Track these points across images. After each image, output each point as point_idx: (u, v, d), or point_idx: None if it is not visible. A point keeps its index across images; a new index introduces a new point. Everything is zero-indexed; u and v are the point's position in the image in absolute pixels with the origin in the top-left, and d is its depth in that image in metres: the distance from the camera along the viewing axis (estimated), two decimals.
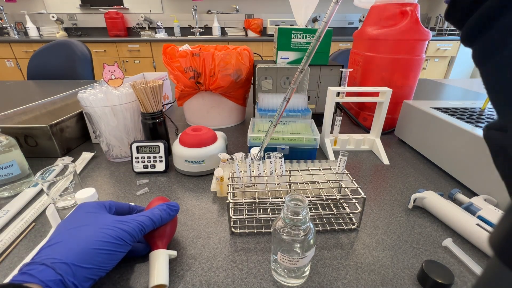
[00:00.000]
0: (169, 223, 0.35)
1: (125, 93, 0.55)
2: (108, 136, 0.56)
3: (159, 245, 0.33)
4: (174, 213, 0.35)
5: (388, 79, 0.70)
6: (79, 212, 0.31)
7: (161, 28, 3.06)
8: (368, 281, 0.32)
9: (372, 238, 0.39)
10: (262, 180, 0.44)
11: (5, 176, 0.47)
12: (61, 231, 0.29)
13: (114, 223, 0.29)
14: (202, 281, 0.32)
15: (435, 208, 0.42)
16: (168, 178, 0.54)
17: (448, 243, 0.37)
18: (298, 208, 0.28)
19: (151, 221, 0.32)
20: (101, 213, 0.31)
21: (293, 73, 0.77)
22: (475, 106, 0.62)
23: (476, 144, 0.46)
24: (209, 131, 0.55)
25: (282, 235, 0.29)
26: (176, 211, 0.36)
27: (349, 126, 0.81)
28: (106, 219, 0.30)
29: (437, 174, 0.55)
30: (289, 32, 0.71)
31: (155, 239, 0.33)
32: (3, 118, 0.66)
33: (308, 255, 0.29)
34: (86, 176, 0.54)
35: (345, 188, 0.42)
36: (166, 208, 0.34)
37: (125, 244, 0.29)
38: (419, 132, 0.62)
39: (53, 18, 2.93)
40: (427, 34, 0.65)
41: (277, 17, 3.13)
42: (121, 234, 0.29)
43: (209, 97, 0.75)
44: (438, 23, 3.10)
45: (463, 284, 0.31)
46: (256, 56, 0.86)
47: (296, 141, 0.56)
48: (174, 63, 0.68)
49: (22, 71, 2.77)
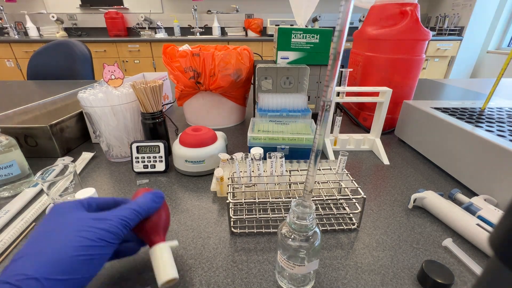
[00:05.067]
0: (161, 213, 0.32)
1: (125, 93, 0.55)
2: (108, 136, 0.56)
3: (158, 239, 0.31)
4: (160, 200, 0.32)
5: (388, 79, 0.70)
6: (52, 215, 0.27)
7: (161, 28, 3.06)
8: (368, 281, 0.32)
9: (372, 238, 0.39)
10: (262, 180, 0.44)
11: (5, 176, 0.47)
12: (31, 240, 0.24)
13: (92, 222, 0.26)
14: (202, 281, 0.32)
15: (435, 208, 0.42)
16: (168, 178, 0.54)
17: (448, 243, 0.37)
18: (304, 213, 0.27)
19: (135, 213, 0.28)
20: (76, 213, 0.27)
21: (293, 73, 0.77)
22: (475, 106, 0.62)
23: (476, 144, 0.46)
24: (209, 131, 0.55)
25: (288, 241, 0.28)
26: (161, 198, 0.32)
27: (349, 126, 0.81)
28: (82, 220, 0.26)
29: (437, 174, 0.55)
30: (289, 32, 0.71)
31: (151, 233, 0.31)
32: (3, 118, 0.66)
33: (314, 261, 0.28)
34: (86, 176, 0.54)
35: (345, 188, 0.42)
36: (152, 196, 0.31)
37: (107, 245, 0.25)
38: (419, 132, 0.62)
39: (53, 18, 2.93)
40: (427, 34, 0.65)
41: (277, 17, 3.13)
42: (101, 234, 0.25)
43: (209, 97, 0.75)
44: (438, 23, 3.10)
45: (463, 284, 0.31)
46: (256, 56, 0.86)
47: (296, 141, 0.56)
48: (174, 63, 0.68)
49: (22, 71, 2.77)
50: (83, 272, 0.24)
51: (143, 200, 0.30)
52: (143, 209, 0.29)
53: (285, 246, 0.28)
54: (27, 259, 0.23)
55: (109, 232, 0.25)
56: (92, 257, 0.24)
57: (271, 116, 0.66)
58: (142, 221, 0.30)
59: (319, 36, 0.71)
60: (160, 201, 0.32)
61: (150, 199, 0.31)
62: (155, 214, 0.31)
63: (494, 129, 0.49)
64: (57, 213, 0.27)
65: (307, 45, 0.72)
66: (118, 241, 0.27)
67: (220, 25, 3.17)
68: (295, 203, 0.28)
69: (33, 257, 0.23)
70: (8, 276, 0.21)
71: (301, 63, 0.74)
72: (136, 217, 0.28)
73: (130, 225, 0.28)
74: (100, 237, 0.25)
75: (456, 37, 2.86)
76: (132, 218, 0.28)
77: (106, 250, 0.25)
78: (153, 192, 0.32)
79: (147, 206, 0.30)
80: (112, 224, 0.26)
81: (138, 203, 0.30)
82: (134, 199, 0.31)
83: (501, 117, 0.56)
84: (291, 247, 0.28)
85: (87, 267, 0.24)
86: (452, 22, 2.96)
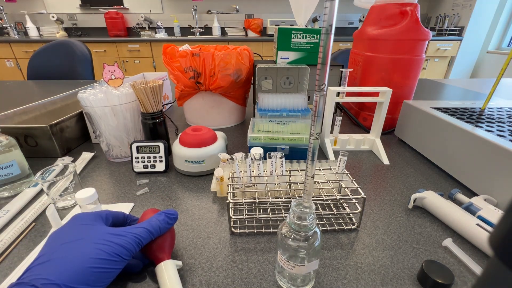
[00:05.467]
0: (168, 231, 0.33)
1: (125, 93, 0.55)
2: (108, 136, 0.56)
3: (164, 256, 0.31)
4: (173, 222, 0.33)
5: (388, 79, 0.70)
6: (73, 224, 0.29)
7: (161, 28, 3.06)
8: (368, 281, 0.32)
9: (372, 238, 0.39)
10: (262, 180, 0.44)
11: (5, 176, 0.47)
12: (52, 245, 0.26)
13: (109, 237, 0.27)
14: (202, 281, 0.32)
15: (435, 208, 0.42)
16: (168, 178, 0.54)
17: (448, 243, 0.37)
18: (304, 213, 0.27)
19: (148, 232, 0.30)
20: (96, 226, 0.29)
21: (293, 73, 0.77)
22: (475, 106, 0.62)
23: (476, 144, 0.46)
24: (209, 131, 0.55)
25: (288, 241, 0.28)
26: (175, 219, 0.33)
27: (349, 126, 0.81)
28: (101, 233, 0.27)
29: (437, 174, 0.55)
30: (289, 32, 0.71)
31: (157, 251, 0.31)
32: (3, 118, 0.66)
33: (314, 261, 0.28)
34: (86, 176, 0.54)
35: (345, 188, 0.42)
36: (165, 218, 0.32)
37: (121, 261, 0.27)
38: (419, 132, 0.62)
39: (53, 18, 2.93)
40: (427, 34, 0.65)
41: (277, 17, 3.13)
42: (117, 249, 0.26)
43: (209, 97, 0.75)
44: (438, 23, 3.10)
45: (463, 284, 0.31)
46: (256, 56, 0.86)
47: (296, 141, 0.56)
48: (174, 63, 0.68)
49: (22, 71, 2.77)
50: (96, 283, 0.25)
51: (156, 220, 0.32)
52: (155, 230, 0.31)
53: (285, 246, 0.28)
54: (51, 264, 0.24)
55: (123, 248, 0.27)
56: (106, 270, 0.26)
57: (271, 116, 0.66)
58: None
59: (319, 36, 0.71)
60: (173, 223, 0.33)
61: (164, 221, 0.32)
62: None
63: (494, 129, 0.49)
64: (79, 222, 0.29)
65: (307, 45, 0.72)
66: (130, 257, 0.28)
67: (220, 25, 3.17)
68: (295, 203, 0.28)
69: (57, 263, 0.24)
70: (32, 279, 0.23)
71: (301, 63, 0.74)
72: (148, 236, 0.30)
73: (142, 244, 0.29)
74: (116, 252, 0.26)
75: (456, 37, 2.86)
76: (145, 237, 0.29)
77: (118, 265, 0.27)
78: (167, 213, 0.33)
79: (159, 227, 0.31)
80: (126, 241, 0.28)
81: (151, 222, 0.31)
82: (148, 218, 0.32)
83: (501, 117, 0.56)
84: (291, 247, 0.28)
85: (100, 279, 0.25)
86: (452, 22, 2.96)
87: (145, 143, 0.54)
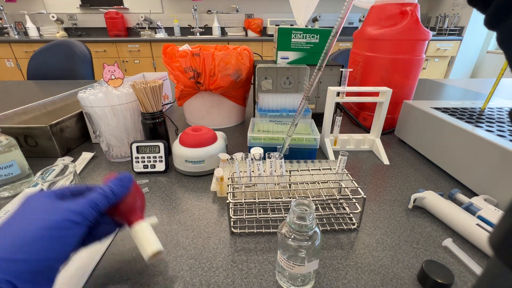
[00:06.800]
0: (135, 194, 0.32)
1: (125, 93, 0.55)
2: (108, 136, 0.56)
3: (136, 218, 0.31)
4: (128, 183, 0.32)
5: (388, 79, 0.70)
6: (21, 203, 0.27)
7: (161, 28, 3.06)
8: (368, 281, 0.32)
9: (372, 238, 0.39)
10: (262, 180, 0.44)
11: (5, 176, 0.47)
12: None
13: (58, 205, 0.26)
14: (202, 281, 0.32)
15: (435, 208, 0.42)
16: (168, 178, 0.54)
17: (448, 243, 0.37)
18: (304, 213, 0.27)
19: (102, 194, 0.28)
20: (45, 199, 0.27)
21: (293, 73, 0.77)
22: (475, 106, 0.62)
23: (476, 144, 0.46)
24: (209, 131, 0.55)
25: (288, 241, 0.28)
26: (129, 181, 0.32)
27: (349, 126, 0.81)
28: (48, 204, 0.26)
29: (437, 174, 0.55)
30: (289, 32, 0.71)
31: (128, 214, 0.31)
32: (3, 118, 0.66)
33: (314, 261, 0.28)
34: (86, 176, 0.54)
35: (345, 188, 0.42)
36: (116, 180, 0.31)
37: (73, 226, 0.25)
38: (419, 132, 0.62)
39: (53, 18, 2.93)
40: (427, 34, 0.65)
41: (277, 17, 3.13)
42: (66, 215, 0.25)
43: (209, 97, 0.75)
44: (438, 23, 3.10)
45: (463, 284, 0.31)
46: (256, 56, 0.86)
47: (296, 141, 0.56)
48: (174, 63, 0.68)
49: (22, 71, 2.77)
50: (46, 252, 0.23)
51: (108, 184, 0.30)
52: (108, 192, 0.29)
53: (285, 246, 0.28)
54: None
55: (75, 212, 0.25)
56: (56, 235, 0.24)
57: (271, 116, 0.66)
58: (118, 204, 0.30)
59: (319, 36, 0.71)
60: (128, 184, 0.32)
61: (115, 184, 0.31)
62: (129, 196, 0.31)
63: (494, 129, 0.49)
64: (26, 200, 0.27)
65: (307, 45, 0.72)
66: (87, 221, 0.26)
67: (220, 25, 3.17)
68: (295, 203, 0.28)
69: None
70: None
71: (301, 63, 0.74)
72: (103, 198, 0.28)
73: (99, 207, 0.28)
74: (66, 218, 0.25)
75: (456, 37, 2.86)
76: (100, 199, 0.28)
77: (72, 231, 0.25)
78: (120, 176, 0.32)
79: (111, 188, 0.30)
80: (78, 205, 0.26)
81: (102, 187, 0.30)
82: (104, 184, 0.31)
83: (501, 117, 0.56)
84: (291, 247, 0.28)
85: (50, 247, 0.23)
86: (452, 22, 2.96)
87: (145, 143, 0.54)
